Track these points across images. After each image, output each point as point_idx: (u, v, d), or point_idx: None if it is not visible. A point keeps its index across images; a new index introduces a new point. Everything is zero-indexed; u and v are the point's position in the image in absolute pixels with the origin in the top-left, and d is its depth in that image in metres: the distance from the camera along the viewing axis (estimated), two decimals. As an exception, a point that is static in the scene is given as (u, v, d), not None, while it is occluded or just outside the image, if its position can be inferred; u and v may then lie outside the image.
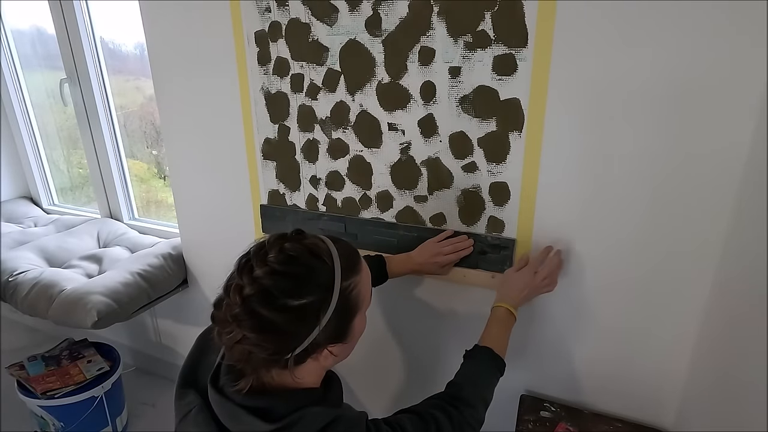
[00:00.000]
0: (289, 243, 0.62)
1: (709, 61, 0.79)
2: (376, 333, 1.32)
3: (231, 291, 0.59)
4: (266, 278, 0.58)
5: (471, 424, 0.76)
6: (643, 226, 0.92)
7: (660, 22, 0.79)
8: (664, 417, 1.05)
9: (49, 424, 1.48)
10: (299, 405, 0.62)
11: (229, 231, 1.35)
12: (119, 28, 1.65)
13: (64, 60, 1.67)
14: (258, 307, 0.57)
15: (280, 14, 1.09)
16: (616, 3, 0.81)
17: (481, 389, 0.82)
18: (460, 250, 1.06)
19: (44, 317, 1.37)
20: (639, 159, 0.88)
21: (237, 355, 0.60)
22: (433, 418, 0.71)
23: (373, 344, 1.34)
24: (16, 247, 1.61)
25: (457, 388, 0.80)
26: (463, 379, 0.82)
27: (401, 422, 0.69)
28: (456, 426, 0.73)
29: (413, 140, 1.06)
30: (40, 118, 2.01)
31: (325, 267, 0.62)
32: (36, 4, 1.69)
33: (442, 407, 0.74)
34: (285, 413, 0.61)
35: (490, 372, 0.84)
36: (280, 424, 0.60)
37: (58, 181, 2.13)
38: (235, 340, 0.58)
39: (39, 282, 1.41)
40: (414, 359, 1.31)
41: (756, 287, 0.74)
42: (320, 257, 0.62)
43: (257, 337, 0.57)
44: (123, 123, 1.78)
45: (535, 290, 0.95)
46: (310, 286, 0.60)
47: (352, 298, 0.64)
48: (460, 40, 0.94)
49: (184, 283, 1.61)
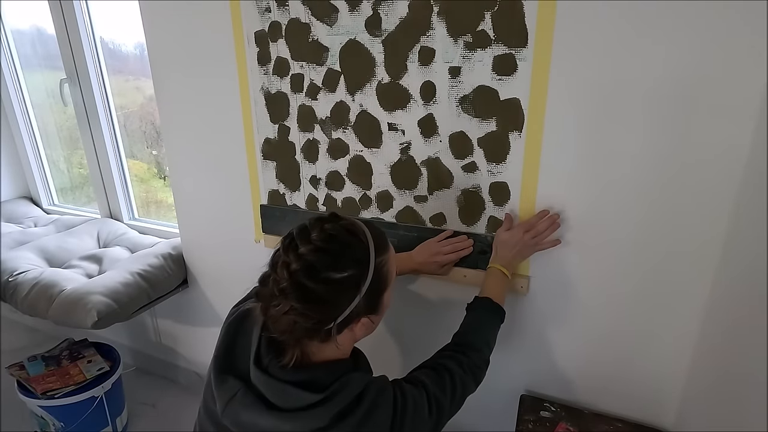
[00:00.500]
0: (329, 224, 0.68)
1: (709, 61, 0.79)
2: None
3: (278, 267, 0.65)
4: (310, 254, 0.64)
5: (479, 365, 0.85)
6: (644, 226, 0.92)
7: (660, 22, 0.79)
8: (665, 417, 1.05)
9: (49, 424, 1.48)
10: (339, 374, 0.69)
11: (229, 231, 1.35)
12: (119, 28, 1.65)
13: (64, 60, 1.67)
14: (304, 280, 0.63)
15: (280, 14, 1.09)
16: (617, 3, 0.81)
17: (484, 334, 0.90)
18: (460, 250, 1.06)
19: (44, 317, 1.37)
20: (639, 159, 0.88)
21: (283, 326, 0.65)
22: (445, 368, 0.79)
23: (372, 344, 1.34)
24: (16, 247, 1.61)
25: (462, 337, 0.89)
26: (467, 328, 0.91)
27: (419, 378, 0.77)
28: (467, 370, 0.81)
29: (413, 140, 1.06)
30: (40, 118, 2.01)
31: (361, 245, 0.68)
32: (36, 4, 1.69)
33: (451, 356, 0.83)
34: (328, 383, 0.67)
35: (491, 319, 0.92)
36: (327, 393, 0.66)
37: (58, 181, 2.13)
38: (282, 312, 0.64)
39: (39, 282, 1.41)
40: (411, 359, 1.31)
41: (756, 287, 0.74)
42: (357, 236, 0.69)
43: (303, 307, 0.63)
44: (123, 123, 1.78)
45: (526, 248, 0.97)
46: (349, 260, 0.66)
47: (384, 273, 0.71)
48: (460, 40, 0.94)
49: (184, 283, 1.61)
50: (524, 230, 0.96)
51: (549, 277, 1.04)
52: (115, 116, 1.74)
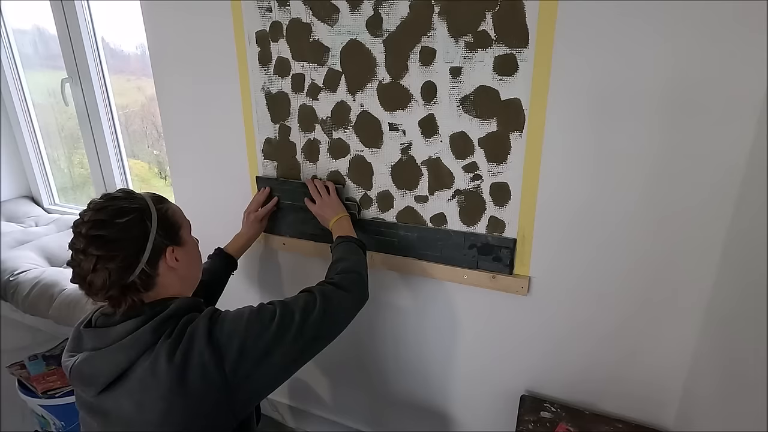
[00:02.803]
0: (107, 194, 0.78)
1: (709, 61, 0.79)
2: (376, 333, 1.32)
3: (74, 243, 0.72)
4: (94, 214, 0.73)
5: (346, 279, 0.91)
6: (644, 226, 0.92)
7: (661, 22, 0.79)
8: (665, 417, 1.05)
9: (50, 424, 1.49)
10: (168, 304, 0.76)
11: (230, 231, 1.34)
12: (120, 28, 1.65)
13: (65, 60, 1.67)
14: (96, 231, 0.71)
15: (281, 14, 1.09)
16: (617, 3, 0.81)
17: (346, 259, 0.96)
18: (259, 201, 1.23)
19: (45, 317, 1.37)
20: (639, 159, 0.88)
21: (100, 281, 0.70)
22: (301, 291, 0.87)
23: (372, 344, 1.34)
24: (17, 247, 1.61)
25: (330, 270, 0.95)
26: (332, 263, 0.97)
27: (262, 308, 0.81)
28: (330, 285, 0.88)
29: (414, 140, 1.06)
30: (42, 117, 2.01)
31: (139, 198, 0.78)
32: (37, 4, 1.69)
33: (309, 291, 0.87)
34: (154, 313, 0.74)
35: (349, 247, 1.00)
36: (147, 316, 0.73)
37: (59, 180, 2.13)
38: (92, 267, 0.70)
39: (40, 281, 1.41)
40: (411, 358, 1.31)
41: (756, 287, 0.74)
42: (129, 193, 0.79)
43: (105, 251, 0.70)
44: (124, 123, 1.78)
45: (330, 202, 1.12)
46: (128, 208, 0.75)
47: (170, 215, 0.81)
48: (461, 41, 0.94)
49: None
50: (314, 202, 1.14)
51: (549, 277, 1.04)
52: (116, 116, 1.74)
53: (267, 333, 0.75)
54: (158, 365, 0.69)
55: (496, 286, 1.07)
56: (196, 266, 0.88)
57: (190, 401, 0.69)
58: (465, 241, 1.08)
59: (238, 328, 0.74)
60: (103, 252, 0.70)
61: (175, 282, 0.80)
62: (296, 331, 0.77)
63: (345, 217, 1.10)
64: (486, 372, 1.21)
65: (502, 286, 1.07)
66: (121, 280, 0.72)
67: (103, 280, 0.70)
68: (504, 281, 1.06)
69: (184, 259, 0.81)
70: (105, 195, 0.77)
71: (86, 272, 0.71)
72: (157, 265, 0.76)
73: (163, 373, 0.69)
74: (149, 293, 0.76)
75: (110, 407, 0.72)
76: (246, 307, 0.79)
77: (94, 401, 0.73)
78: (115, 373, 0.70)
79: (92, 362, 0.72)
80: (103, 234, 0.71)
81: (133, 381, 0.70)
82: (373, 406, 1.45)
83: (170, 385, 0.68)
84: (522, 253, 1.04)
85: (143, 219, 0.75)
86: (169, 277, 0.78)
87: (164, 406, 0.69)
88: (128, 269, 0.72)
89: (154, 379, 0.69)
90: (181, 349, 0.70)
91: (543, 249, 1.02)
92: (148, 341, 0.71)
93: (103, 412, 0.73)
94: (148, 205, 0.78)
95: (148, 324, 0.72)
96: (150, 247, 0.74)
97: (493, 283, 1.07)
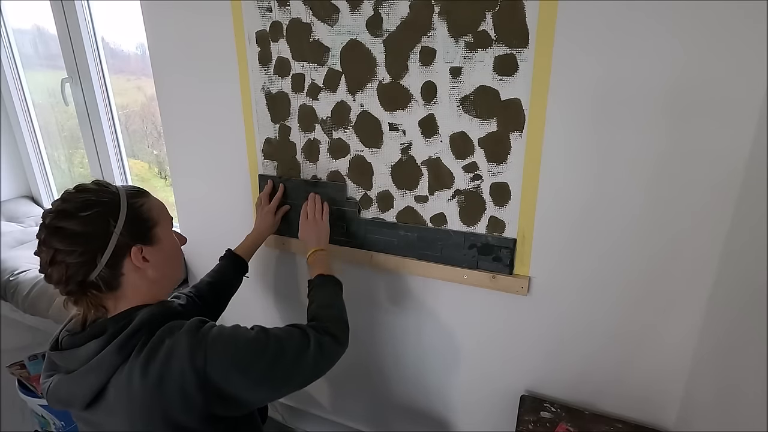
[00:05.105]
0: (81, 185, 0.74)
1: (710, 62, 0.79)
2: (376, 333, 1.32)
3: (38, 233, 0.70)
4: (60, 204, 0.70)
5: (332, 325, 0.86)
6: (644, 226, 0.92)
7: (661, 22, 0.79)
8: (665, 418, 1.05)
9: (50, 423, 1.49)
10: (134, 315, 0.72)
11: (230, 230, 1.34)
12: (120, 27, 1.65)
13: (65, 59, 1.67)
14: (57, 223, 0.68)
15: (281, 14, 1.09)
16: (618, 3, 0.81)
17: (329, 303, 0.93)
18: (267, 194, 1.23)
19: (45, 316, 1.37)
20: (640, 159, 0.88)
21: (56, 275, 0.68)
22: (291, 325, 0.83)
23: (371, 344, 1.34)
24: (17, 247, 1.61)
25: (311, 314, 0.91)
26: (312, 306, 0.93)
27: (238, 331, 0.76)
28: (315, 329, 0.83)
29: (414, 140, 1.06)
30: (42, 117, 2.01)
31: (110, 191, 0.74)
32: (37, 4, 1.69)
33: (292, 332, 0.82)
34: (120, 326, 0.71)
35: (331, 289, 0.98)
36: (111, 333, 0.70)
37: (59, 180, 2.13)
38: (50, 260, 0.68)
39: (40, 281, 1.41)
40: (409, 359, 1.31)
41: (756, 288, 0.74)
42: (106, 187, 0.75)
43: (64, 245, 0.67)
44: (124, 122, 1.78)
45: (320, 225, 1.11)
46: (95, 202, 0.71)
47: (144, 210, 0.76)
48: (461, 41, 0.94)
49: (185, 282, 1.61)
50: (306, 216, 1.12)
51: (549, 277, 1.04)
52: (116, 115, 1.74)
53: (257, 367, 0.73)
54: (132, 384, 0.67)
55: (496, 286, 1.07)
56: (172, 266, 0.83)
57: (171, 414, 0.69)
58: (465, 241, 1.08)
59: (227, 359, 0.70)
60: (61, 245, 0.67)
61: (144, 283, 0.75)
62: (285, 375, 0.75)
63: (325, 252, 1.07)
64: (486, 372, 1.21)
65: (502, 286, 1.07)
66: (79, 276, 0.69)
67: (60, 274, 0.68)
68: (504, 281, 1.06)
69: (155, 258, 0.76)
70: (78, 186, 0.73)
71: (45, 264, 0.69)
72: (121, 264, 0.72)
73: (138, 392, 0.67)
74: (115, 293, 0.73)
75: (100, 420, 0.72)
76: (240, 332, 0.75)
77: (82, 414, 0.73)
78: (90, 395, 0.70)
79: (65, 386, 0.72)
80: (63, 226, 0.68)
81: (111, 400, 0.69)
82: (373, 406, 1.45)
83: (149, 402, 0.68)
84: (522, 253, 1.04)
85: (107, 213, 0.71)
86: (137, 277, 0.74)
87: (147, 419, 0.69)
88: (86, 265, 0.69)
89: (129, 398, 0.68)
90: (156, 365, 0.68)
91: (543, 249, 1.02)
92: (116, 361, 0.69)
93: (95, 422, 0.74)
94: (119, 199, 0.73)
95: (112, 344, 0.69)
96: (113, 245, 0.70)
97: (493, 283, 1.07)
